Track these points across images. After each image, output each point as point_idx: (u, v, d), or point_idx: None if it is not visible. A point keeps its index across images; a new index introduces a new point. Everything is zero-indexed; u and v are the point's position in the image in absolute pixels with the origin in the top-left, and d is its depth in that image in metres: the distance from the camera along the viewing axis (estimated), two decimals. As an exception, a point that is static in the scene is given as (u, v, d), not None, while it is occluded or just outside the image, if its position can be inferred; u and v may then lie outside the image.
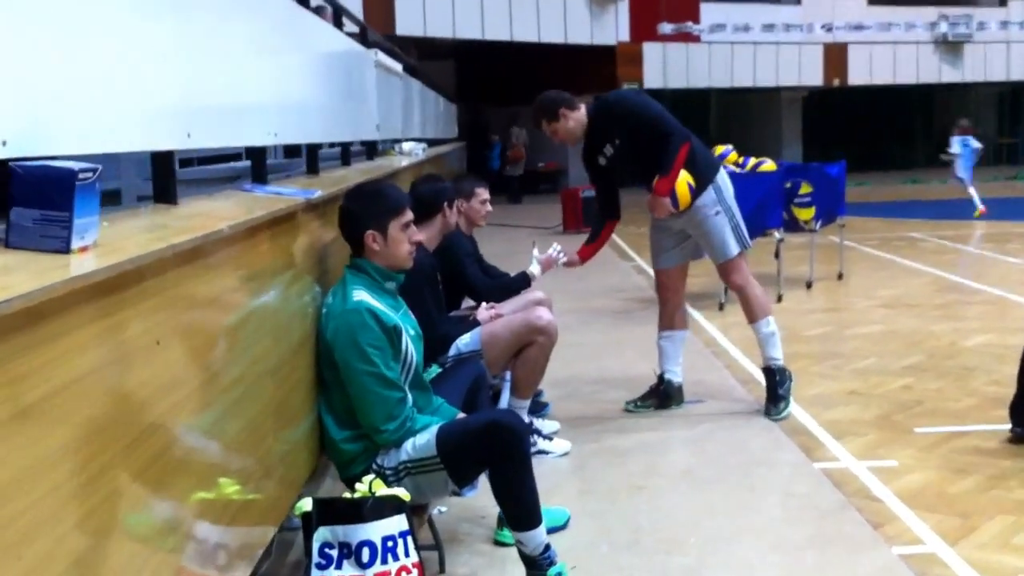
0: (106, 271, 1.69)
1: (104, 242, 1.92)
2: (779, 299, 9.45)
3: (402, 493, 3.32)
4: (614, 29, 24.72)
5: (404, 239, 3.77)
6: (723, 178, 5.78)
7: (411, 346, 3.69)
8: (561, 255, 5.86)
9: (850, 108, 30.87)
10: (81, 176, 1.75)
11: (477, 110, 28.33)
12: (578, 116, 5.69)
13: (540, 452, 5.21)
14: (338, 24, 5.80)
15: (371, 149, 7.07)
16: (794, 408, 5.90)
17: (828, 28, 27.65)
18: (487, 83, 27.89)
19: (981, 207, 16.56)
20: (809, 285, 10.20)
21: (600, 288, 10.59)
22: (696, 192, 5.63)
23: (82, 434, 1.73)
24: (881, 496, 4.54)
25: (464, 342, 5.04)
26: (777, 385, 5.78)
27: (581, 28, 24.15)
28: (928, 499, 4.49)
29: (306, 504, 3.30)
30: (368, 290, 3.63)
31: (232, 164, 5.06)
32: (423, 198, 5.15)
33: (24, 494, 1.54)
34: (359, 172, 5.53)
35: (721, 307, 9.02)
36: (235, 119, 3.16)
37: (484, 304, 5.41)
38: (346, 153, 5.93)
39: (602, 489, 4.75)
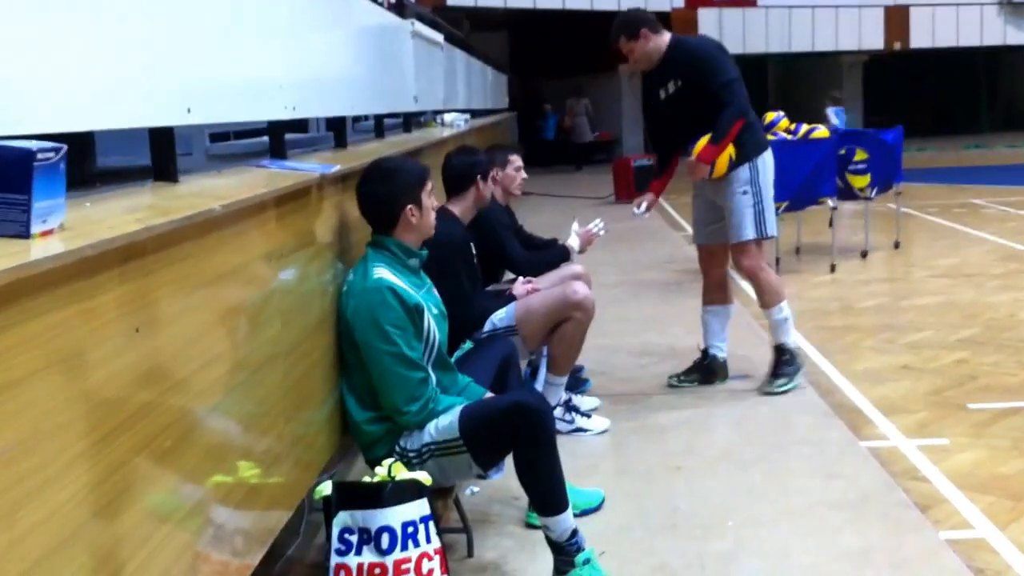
0: (54, 259, 1.58)
1: (76, 224, 1.83)
2: (832, 269, 9.23)
3: (423, 477, 3.22)
4: (668, -5, 24.32)
5: (431, 206, 3.69)
6: (765, 160, 5.58)
7: (433, 325, 3.58)
8: (602, 231, 5.76)
9: (912, 72, 30.15)
10: (40, 157, 1.65)
11: (531, 81, 28.14)
12: (658, 42, 5.56)
13: (578, 430, 5.11)
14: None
15: (409, 121, 6.94)
16: (843, 384, 5.73)
17: (889, -10, 27.01)
18: (541, 54, 27.66)
19: None
20: (864, 255, 9.94)
21: (649, 260, 10.42)
22: (733, 165, 5.49)
23: (44, 424, 1.64)
24: (930, 476, 4.36)
25: (499, 317, 4.93)
26: (783, 363, 5.61)
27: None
28: (979, 480, 4.31)
29: (326, 488, 3.22)
30: (390, 268, 3.53)
31: (262, 139, 4.99)
32: (456, 171, 5.05)
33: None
34: (390, 145, 5.42)
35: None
36: (245, 92, 3.06)
37: (520, 279, 5.30)
38: (380, 126, 5.82)
39: (639, 469, 4.62)
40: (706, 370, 5.87)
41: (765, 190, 5.56)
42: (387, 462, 3.23)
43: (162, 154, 2.59)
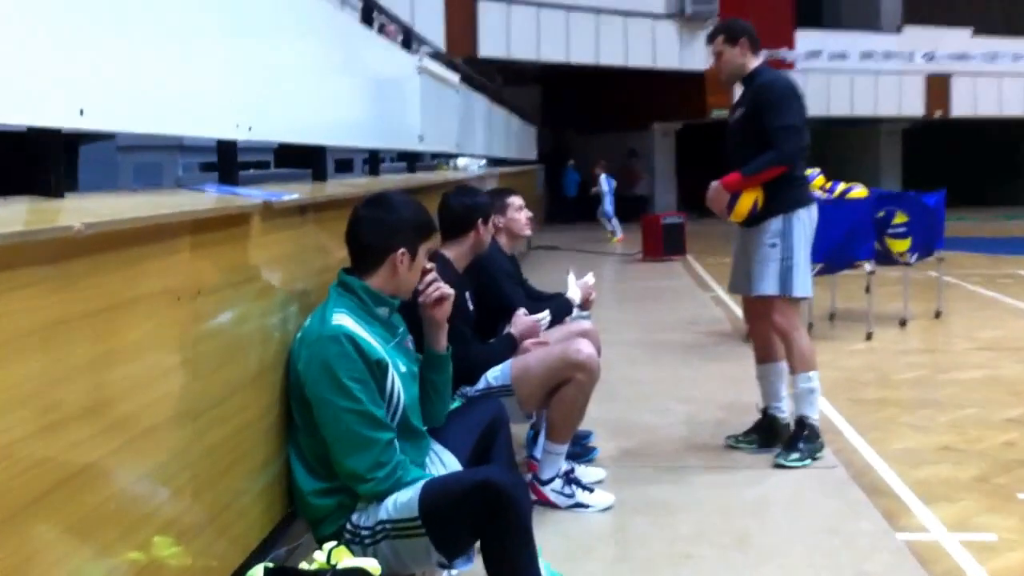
0: None
1: None
2: (868, 337, 8.64)
3: (371, 566, 2.68)
4: (704, 54, 23.90)
5: (418, 267, 3.23)
6: (802, 216, 5.11)
7: (399, 385, 3.07)
8: (592, 289, 5.36)
9: (952, 141, 29.55)
10: None
11: (562, 135, 27.84)
12: (748, 61, 5.22)
13: (578, 505, 4.55)
14: (367, 21, 5.23)
15: (413, 161, 6.48)
16: (877, 464, 5.16)
17: (930, 57, 26.59)
18: (573, 109, 27.36)
19: (620, 235, 19.24)
20: (903, 323, 9.33)
21: (672, 319, 9.87)
22: (762, 215, 5.07)
23: None
24: (976, 579, 3.77)
25: (494, 375, 4.44)
26: (801, 439, 5.09)
27: (670, 53, 23.46)
28: (1035, 585, 3.72)
29: (257, 572, 2.69)
30: (353, 315, 3.04)
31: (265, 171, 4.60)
32: (454, 212, 4.59)
33: None
34: (381, 184, 4.94)
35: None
36: (177, 101, 2.57)
37: (520, 311, 4.77)
38: (374, 161, 5.35)
39: (641, 556, 4.05)
40: (766, 431, 5.39)
41: (798, 247, 5.08)
42: (328, 546, 2.70)
43: (44, 162, 2.10)
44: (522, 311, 4.68)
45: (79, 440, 1.88)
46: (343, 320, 3.00)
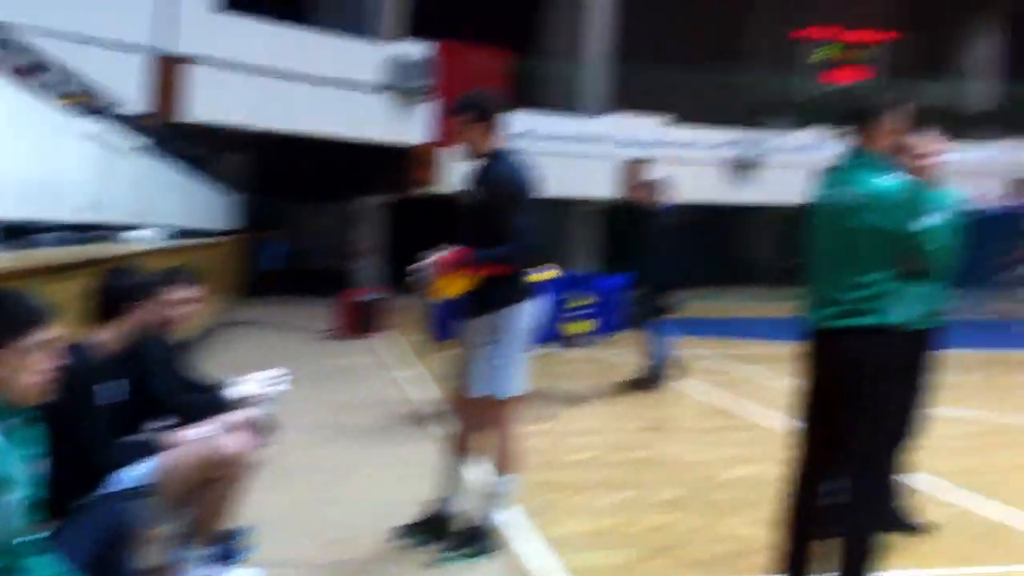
0: None
1: None
2: (544, 419, 8.81)
3: None
4: (418, 129, 24.09)
5: (26, 367, 2.94)
6: (521, 312, 5.07)
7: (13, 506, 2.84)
8: (280, 386, 5.21)
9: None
10: None
11: (275, 205, 27.46)
12: (493, 140, 5.05)
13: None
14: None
15: (85, 231, 6.11)
16: (537, 552, 5.23)
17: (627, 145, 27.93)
18: (288, 178, 27.01)
19: None
20: (578, 404, 9.64)
21: (357, 400, 9.80)
22: (479, 308, 5.04)
23: None
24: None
25: (133, 473, 4.15)
26: (477, 537, 5.13)
27: (382, 126, 23.45)
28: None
29: None
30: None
31: None
32: (107, 293, 4.35)
33: None
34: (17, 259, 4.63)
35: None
36: None
37: (189, 434, 4.52)
38: (22, 232, 5.00)
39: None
40: (434, 525, 5.30)
41: (514, 344, 5.10)
42: None
43: None
44: (191, 434, 4.43)
45: None
46: None
